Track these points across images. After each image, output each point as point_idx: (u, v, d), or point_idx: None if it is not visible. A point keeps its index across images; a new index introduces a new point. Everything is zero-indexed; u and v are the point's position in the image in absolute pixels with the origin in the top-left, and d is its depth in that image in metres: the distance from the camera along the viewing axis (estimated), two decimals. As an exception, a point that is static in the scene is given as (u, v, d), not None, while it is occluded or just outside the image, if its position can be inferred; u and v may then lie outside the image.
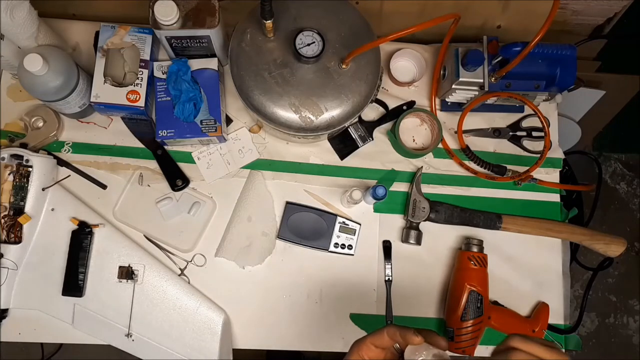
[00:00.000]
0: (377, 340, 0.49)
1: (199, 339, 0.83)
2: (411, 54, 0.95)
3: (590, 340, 1.74)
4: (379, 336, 0.49)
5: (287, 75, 0.75)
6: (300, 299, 0.88)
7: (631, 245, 1.81)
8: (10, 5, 0.71)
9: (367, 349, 0.49)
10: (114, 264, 0.84)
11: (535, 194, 0.94)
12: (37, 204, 0.82)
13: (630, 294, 1.77)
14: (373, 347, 0.49)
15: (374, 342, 0.49)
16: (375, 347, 0.49)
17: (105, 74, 0.82)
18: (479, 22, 0.95)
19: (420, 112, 0.91)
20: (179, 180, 0.87)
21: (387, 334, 0.48)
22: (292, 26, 0.74)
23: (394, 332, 0.48)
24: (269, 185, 0.89)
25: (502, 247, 0.91)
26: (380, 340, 0.49)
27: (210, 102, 0.84)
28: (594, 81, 1.17)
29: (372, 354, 0.49)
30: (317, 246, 0.87)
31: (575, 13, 0.94)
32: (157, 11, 0.72)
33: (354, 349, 0.50)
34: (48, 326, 0.83)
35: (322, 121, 0.76)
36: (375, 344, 0.49)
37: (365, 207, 0.91)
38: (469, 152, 0.91)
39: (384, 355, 0.50)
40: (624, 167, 1.88)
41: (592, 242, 0.88)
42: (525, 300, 0.91)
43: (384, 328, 0.49)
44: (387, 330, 0.48)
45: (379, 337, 0.49)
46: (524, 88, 0.85)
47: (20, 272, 0.82)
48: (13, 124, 0.87)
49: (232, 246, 0.86)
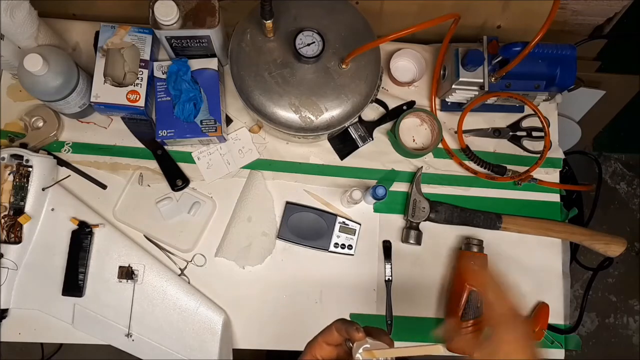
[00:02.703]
0: (328, 337, 0.49)
1: (199, 339, 0.83)
2: (411, 54, 0.95)
3: (590, 340, 1.74)
4: (328, 333, 0.49)
5: (287, 75, 0.75)
6: (300, 299, 0.88)
7: (631, 245, 1.81)
8: (10, 5, 0.71)
9: (319, 348, 0.49)
10: (114, 264, 0.84)
11: (535, 194, 0.94)
12: (37, 204, 0.82)
13: (630, 294, 1.77)
14: (325, 344, 0.49)
15: (325, 340, 0.49)
16: (327, 344, 0.49)
17: (105, 74, 0.82)
18: (479, 22, 0.95)
19: (420, 112, 0.91)
20: (179, 180, 0.87)
21: (336, 329, 0.48)
22: (292, 26, 0.74)
23: (341, 327, 0.47)
24: (269, 185, 0.89)
25: (502, 247, 0.91)
26: (330, 337, 0.48)
27: (210, 102, 0.84)
28: (594, 81, 1.17)
29: (324, 352, 0.49)
30: (317, 246, 0.87)
31: (575, 13, 0.94)
32: (157, 11, 0.72)
33: (307, 349, 0.49)
34: (48, 326, 0.83)
35: (322, 121, 0.76)
36: (327, 341, 0.49)
37: (365, 207, 0.91)
38: (469, 152, 0.91)
39: (337, 352, 0.49)
40: (624, 167, 1.88)
41: (592, 242, 0.88)
42: (525, 301, 0.91)
43: (332, 324, 0.49)
44: (335, 326, 0.48)
45: (329, 335, 0.48)
46: (524, 88, 0.85)
47: (20, 272, 0.82)
48: (13, 124, 0.87)
49: (232, 246, 0.86)
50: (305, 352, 0.49)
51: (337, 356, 0.49)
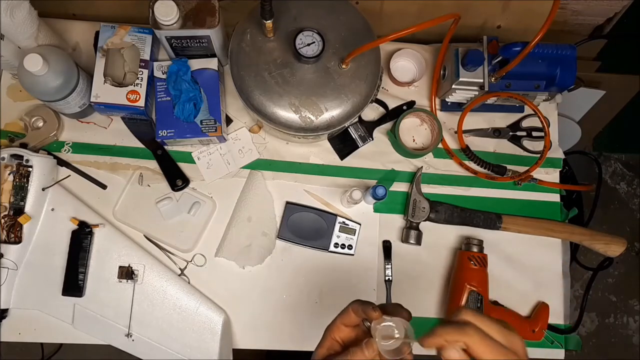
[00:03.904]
0: (346, 319, 0.49)
1: (199, 339, 0.83)
2: (411, 54, 0.95)
3: (590, 340, 1.75)
4: (346, 315, 0.49)
5: (287, 75, 0.75)
6: (300, 299, 0.87)
7: (631, 245, 1.81)
8: (10, 5, 0.71)
9: (337, 330, 0.50)
10: (114, 264, 0.84)
11: (535, 194, 0.94)
12: (37, 204, 0.82)
13: (630, 294, 1.78)
14: (343, 326, 0.50)
15: (342, 321, 0.49)
16: (345, 326, 0.50)
17: (105, 74, 0.82)
18: (479, 22, 0.95)
19: (420, 112, 0.91)
20: (179, 180, 0.87)
21: (353, 311, 0.48)
22: (292, 26, 0.74)
23: (357, 308, 0.48)
24: (269, 185, 0.89)
25: (502, 247, 0.91)
26: (347, 318, 0.49)
27: (210, 102, 0.84)
28: (594, 81, 1.17)
29: (343, 334, 0.50)
30: (317, 246, 0.87)
31: (575, 13, 0.94)
32: (157, 11, 0.72)
33: (326, 333, 0.50)
34: (48, 326, 0.83)
35: (322, 121, 0.76)
36: (345, 323, 0.49)
37: (365, 207, 0.91)
38: (469, 152, 0.91)
39: (356, 333, 0.50)
40: (624, 167, 1.88)
41: (592, 242, 0.88)
42: (525, 300, 0.91)
43: (349, 306, 0.49)
44: (352, 308, 0.49)
45: (347, 316, 0.49)
46: (524, 88, 0.85)
47: (20, 272, 0.82)
48: (13, 124, 0.87)
49: (232, 246, 0.86)
50: (325, 336, 0.50)
51: (355, 337, 0.50)
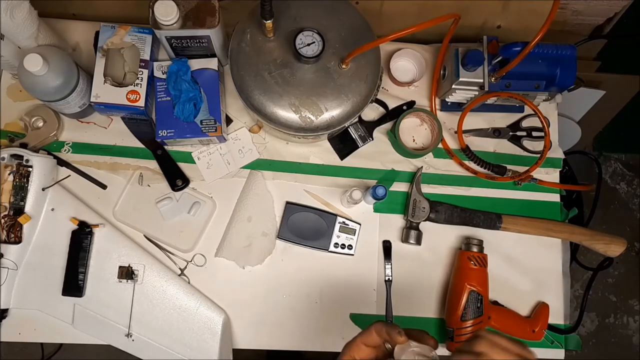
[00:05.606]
0: (367, 339, 0.49)
1: (199, 339, 0.83)
2: (411, 54, 0.95)
3: (590, 340, 1.74)
4: (368, 335, 0.49)
5: (287, 75, 0.75)
6: (300, 299, 0.87)
7: (631, 245, 1.81)
8: (10, 5, 0.71)
9: (357, 349, 0.49)
10: (114, 264, 0.84)
11: (535, 194, 0.94)
12: (37, 204, 0.82)
13: (630, 294, 1.77)
14: (364, 346, 0.49)
15: (364, 341, 0.49)
16: (365, 346, 0.49)
17: (105, 74, 0.82)
18: (479, 22, 0.95)
19: (420, 112, 0.91)
20: (179, 180, 0.87)
21: (376, 331, 0.48)
22: (292, 26, 0.74)
23: (381, 329, 0.48)
24: (269, 185, 0.89)
25: (502, 247, 0.91)
26: (369, 339, 0.49)
27: (210, 102, 0.84)
28: (594, 81, 1.17)
29: (363, 353, 0.49)
30: (317, 246, 0.87)
31: (575, 13, 0.94)
32: (157, 11, 0.72)
33: (345, 350, 0.50)
34: (48, 326, 0.83)
35: (322, 121, 0.76)
36: (366, 343, 0.49)
37: (365, 207, 0.91)
38: (469, 152, 0.91)
39: (375, 354, 0.50)
40: (624, 167, 1.88)
41: (592, 242, 0.88)
42: (525, 300, 0.91)
43: (372, 326, 0.49)
44: (375, 328, 0.48)
45: (368, 336, 0.49)
46: (524, 88, 0.85)
47: (20, 272, 0.82)
48: (13, 124, 0.87)
49: (232, 246, 0.86)
50: (344, 353, 0.50)
51: (375, 358, 0.50)
